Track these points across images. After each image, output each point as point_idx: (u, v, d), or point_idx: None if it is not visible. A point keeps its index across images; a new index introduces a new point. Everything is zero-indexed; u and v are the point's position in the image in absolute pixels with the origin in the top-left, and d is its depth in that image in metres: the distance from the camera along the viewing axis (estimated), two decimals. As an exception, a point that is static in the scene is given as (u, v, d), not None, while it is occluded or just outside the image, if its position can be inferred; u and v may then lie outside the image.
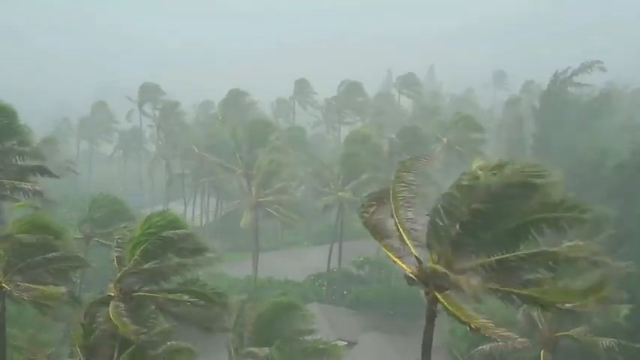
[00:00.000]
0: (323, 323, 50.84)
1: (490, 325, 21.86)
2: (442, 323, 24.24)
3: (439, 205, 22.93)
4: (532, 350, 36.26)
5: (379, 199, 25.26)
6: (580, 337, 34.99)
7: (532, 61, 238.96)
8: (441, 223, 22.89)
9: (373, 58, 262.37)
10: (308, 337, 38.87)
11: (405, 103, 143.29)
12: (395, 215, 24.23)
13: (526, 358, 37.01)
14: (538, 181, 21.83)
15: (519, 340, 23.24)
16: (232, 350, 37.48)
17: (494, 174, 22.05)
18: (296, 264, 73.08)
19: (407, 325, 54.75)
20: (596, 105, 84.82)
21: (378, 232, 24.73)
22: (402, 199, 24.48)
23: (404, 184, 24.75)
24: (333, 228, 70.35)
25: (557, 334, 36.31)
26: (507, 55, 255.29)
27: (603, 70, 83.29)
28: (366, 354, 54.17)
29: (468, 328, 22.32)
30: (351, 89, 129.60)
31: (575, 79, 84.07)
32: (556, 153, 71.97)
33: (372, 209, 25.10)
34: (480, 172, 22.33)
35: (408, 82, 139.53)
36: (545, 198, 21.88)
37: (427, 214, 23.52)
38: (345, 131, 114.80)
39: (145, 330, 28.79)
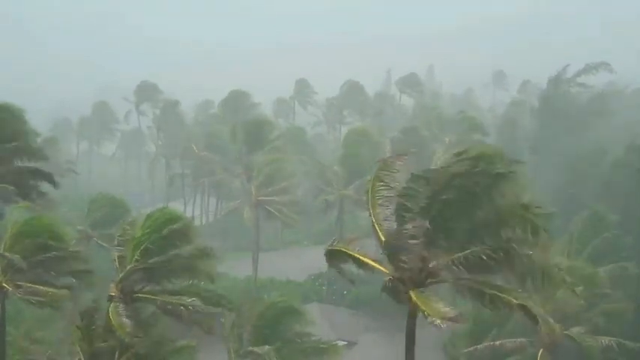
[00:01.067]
0: (323, 323, 50.85)
1: (439, 308, 22.15)
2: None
3: (401, 199, 23.23)
4: (532, 350, 36.33)
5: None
6: (578, 337, 35.00)
7: (532, 61, 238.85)
8: (407, 219, 23.17)
9: (373, 58, 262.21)
10: (307, 338, 38.87)
11: (406, 103, 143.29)
12: (372, 214, 24.48)
13: (526, 358, 37.04)
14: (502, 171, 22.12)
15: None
16: (232, 351, 37.47)
17: (457, 161, 22.42)
18: (296, 264, 73.06)
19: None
20: (595, 105, 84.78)
21: (349, 243, 25.54)
22: (379, 198, 24.79)
23: (383, 183, 25.01)
24: (333, 228, 70.33)
25: (556, 334, 36.30)
26: (507, 55, 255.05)
27: (610, 71, 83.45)
28: (366, 354, 54.16)
29: (427, 318, 22.48)
30: (352, 89, 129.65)
31: (579, 79, 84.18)
32: (555, 152, 72.07)
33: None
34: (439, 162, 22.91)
35: (410, 82, 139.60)
36: (512, 198, 22.08)
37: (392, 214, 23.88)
38: (345, 131, 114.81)
39: (141, 335, 28.66)
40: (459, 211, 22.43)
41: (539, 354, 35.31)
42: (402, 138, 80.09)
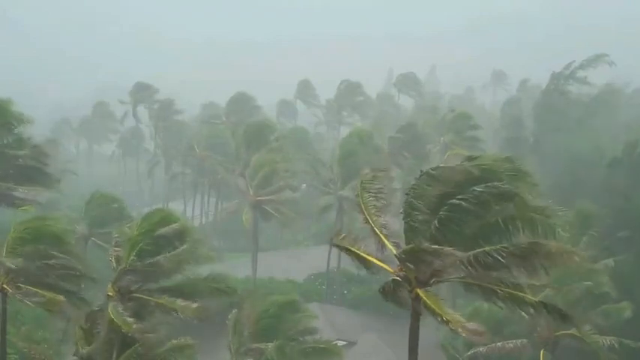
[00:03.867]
0: (323, 323, 50.72)
1: (460, 319, 22.16)
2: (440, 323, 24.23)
3: (410, 197, 23.22)
4: (532, 350, 36.28)
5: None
6: (582, 335, 34.91)
7: (532, 60, 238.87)
8: (418, 217, 23.13)
9: (373, 58, 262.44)
10: (308, 337, 38.83)
11: (407, 103, 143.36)
12: (370, 221, 24.73)
13: (526, 358, 37.00)
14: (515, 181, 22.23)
15: (482, 336, 23.44)
16: (232, 348, 37.41)
17: (470, 165, 22.44)
18: (296, 264, 72.98)
19: (407, 325, 54.50)
20: (595, 104, 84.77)
21: (353, 242, 25.34)
22: (372, 207, 25.05)
23: (371, 194, 25.30)
24: (332, 228, 70.25)
25: (557, 333, 36.29)
26: (507, 55, 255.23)
27: (610, 64, 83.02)
28: (366, 354, 54.06)
29: (439, 321, 22.48)
30: (351, 89, 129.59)
31: (578, 74, 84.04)
32: (555, 151, 72.01)
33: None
34: (450, 163, 22.84)
35: (408, 81, 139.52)
36: (523, 201, 22.12)
37: (401, 212, 23.83)
38: (345, 131, 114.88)
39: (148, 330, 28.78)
40: (468, 213, 22.34)
41: (541, 354, 35.28)
42: (400, 137, 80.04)
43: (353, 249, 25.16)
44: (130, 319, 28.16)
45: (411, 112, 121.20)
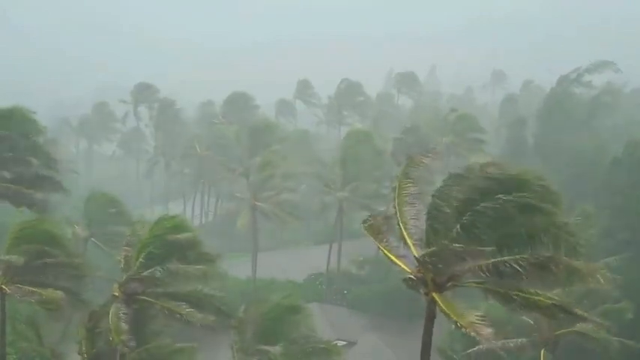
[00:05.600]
0: (323, 323, 50.72)
1: (479, 324, 21.69)
2: (441, 323, 24.13)
3: (436, 198, 22.91)
4: (532, 350, 36.22)
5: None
6: (586, 332, 34.81)
7: (532, 61, 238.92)
8: (440, 220, 22.84)
9: (373, 58, 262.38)
10: (308, 338, 38.77)
11: (407, 103, 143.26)
12: (398, 212, 23.97)
13: (526, 358, 36.95)
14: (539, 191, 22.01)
15: (508, 341, 23.19)
16: (235, 351, 37.32)
17: (492, 170, 22.25)
18: (296, 264, 72.93)
19: (407, 325, 54.62)
20: (596, 104, 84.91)
21: (378, 233, 24.44)
22: (406, 196, 24.22)
23: (411, 180, 24.44)
24: (332, 227, 70.28)
25: (558, 332, 36.23)
26: (507, 55, 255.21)
27: (615, 71, 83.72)
28: (366, 354, 54.06)
29: (454, 326, 22.24)
30: (351, 89, 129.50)
31: (584, 79, 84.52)
32: (557, 151, 72.05)
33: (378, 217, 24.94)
34: (477, 166, 22.56)
35: (407, 81, 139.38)
36: (549, 216, 21.89)
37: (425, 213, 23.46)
38: (345, 131, 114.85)
39: (134, 343, 28.54)
40: (490, 221, 22.07)
41: (541, 354, 35.22)
42: (404, 138, 79.94)
43: (377, 242, 24.40)
44: (124, 327, 28.03)
45: (410, 112, 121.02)
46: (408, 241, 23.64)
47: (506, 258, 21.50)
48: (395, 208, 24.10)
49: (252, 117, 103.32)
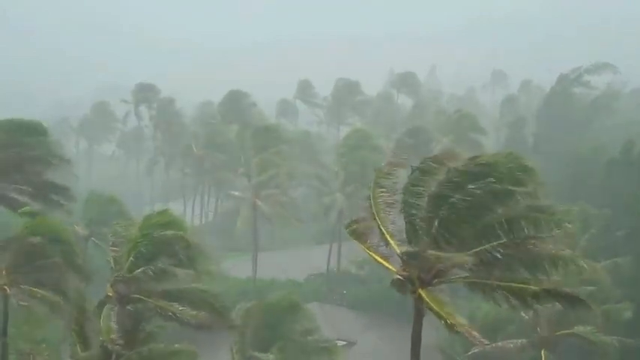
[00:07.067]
0: (323, 323, 50.70)
1: (465, 323, 21.97)
2: (441, 323, 24.12)
3: (405, 196, 23.12)
4: (532, 350, 36.23)
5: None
6: (585, 334, 34.82)
7: (532, 61, 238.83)
8: (418, 216, 22.94)
9: (373, 58, 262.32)
10: (308, 337, 38.79)
11: (407, 103, 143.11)
12: (377, 218, 24.32)
13: (526, 358, 36.95)
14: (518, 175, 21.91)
15: (485, 342, 23.24)
16: (234, 351, 37.31)
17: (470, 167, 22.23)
18: (296, 264, 72.95)
19: (407, 325, 54.34)
20: (596, 105, 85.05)
21: (361, 236, 24.91)
22: (382, 204, 24.63)
23: (383, 189, 24.89)
24: (332, 228, 70.24)
25: (558, 332, 36.22)
26: (507, 55, 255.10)
27: (615, 72, 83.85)
28: (366, 354, 54.07)
29: (444, 324, 22.28)
30: (350, 88, 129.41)
31: (583, 79, 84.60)
32: (556, 151, 72.12)
33: (359, 220, 25.35)
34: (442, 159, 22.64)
35: (407, 81, 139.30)
36: (529, 199, 21.80)
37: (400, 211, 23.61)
38: (345, 131, 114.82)
39: (122, 341, 28.42)
40: (467, 214, 22.09)
41: (542, 354, 35.22)
42: (406, 139, 79.90)
43: (362, 245, 24.80)
44: (114, 327, 27.91)
45: (409, 112, 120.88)
46: (390, 240, 23.87)
47: (484, 247, 21.49)
48: (374, 215, 24.38)
49: (249, 116, 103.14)
